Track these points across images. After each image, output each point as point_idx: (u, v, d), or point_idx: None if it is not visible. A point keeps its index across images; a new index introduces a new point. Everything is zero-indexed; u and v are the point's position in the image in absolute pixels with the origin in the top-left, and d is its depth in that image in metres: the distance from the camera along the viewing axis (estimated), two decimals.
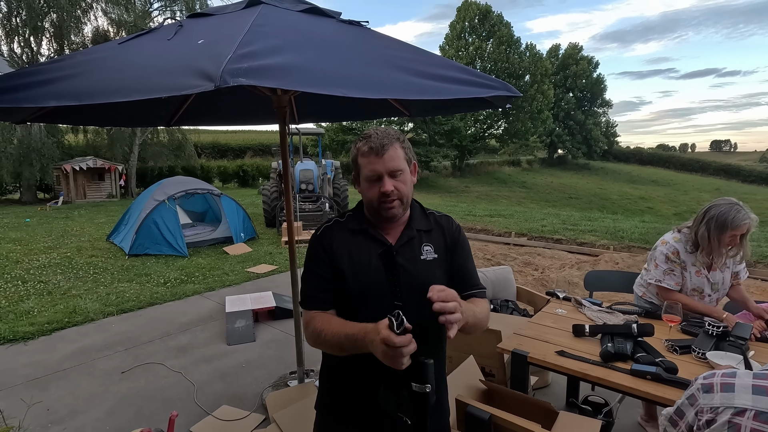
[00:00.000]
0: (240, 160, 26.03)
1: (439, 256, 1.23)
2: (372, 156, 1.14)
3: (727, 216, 2.08)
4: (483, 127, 33.56)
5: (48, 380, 3.27)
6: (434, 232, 1.26)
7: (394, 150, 1.15)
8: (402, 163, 1.16)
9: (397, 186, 1.15)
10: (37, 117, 2.22)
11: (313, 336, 1.16)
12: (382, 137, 1.15)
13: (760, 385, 0.94)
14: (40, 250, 7.62)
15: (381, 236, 1.20)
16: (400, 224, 1.23)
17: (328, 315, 1.18)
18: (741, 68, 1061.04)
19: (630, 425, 2.57)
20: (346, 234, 1.22)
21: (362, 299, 1.16)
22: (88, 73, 1.57)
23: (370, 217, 1.23)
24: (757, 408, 0.91)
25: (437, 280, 1.15)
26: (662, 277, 2.31)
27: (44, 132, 15.33)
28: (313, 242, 1.24)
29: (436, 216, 1.31)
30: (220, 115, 3.34)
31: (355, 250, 1.19)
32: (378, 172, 1.14)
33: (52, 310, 4.69)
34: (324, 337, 1.12)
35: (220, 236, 7.93)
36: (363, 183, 1.19)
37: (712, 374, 1.03)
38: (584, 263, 6.52)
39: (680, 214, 22.68)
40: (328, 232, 1.24)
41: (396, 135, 1.18)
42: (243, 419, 2.72)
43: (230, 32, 1.47)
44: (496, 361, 2.47)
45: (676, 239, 2.32)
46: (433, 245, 1.23)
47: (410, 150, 1.22)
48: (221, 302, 4.83)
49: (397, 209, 1.17)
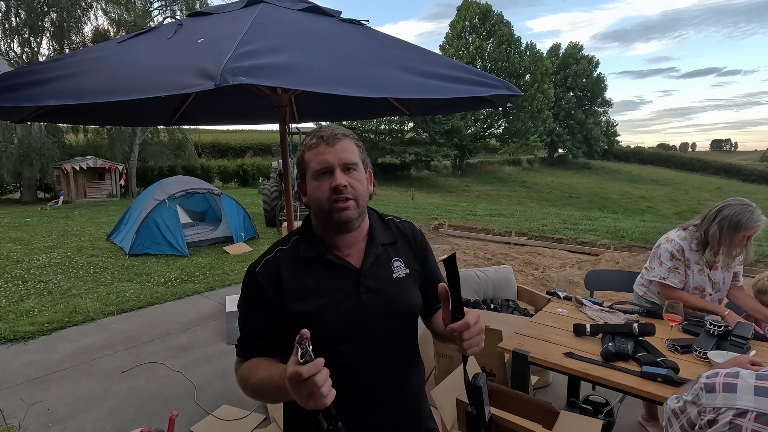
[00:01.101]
0: (240, 160, 26.06)
1: (410, 271, 1.09)
2: (321, 146, 0.98)
3: (741, 216, 2.07)
4: (483, 127, 33.59)
5: (48, 380, 3.27)
6: (399, 243, 1.11)
7: (347, 142, 1.00)
8: (356, 157, 1.01)
9: (350, 182, 0.97)
10: (37, 116, 2.22)
11: (241, 384, 0.99)
12: (333, 129, 1.01)
13: (762, 386, 0.93)
14: (40, 250, 7.62)
15: (343, 261, 1.02)
16: (360, 240, 1.05)
17: (257, 360, 0.99)
18: (742, 67, 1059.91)
19: (631, 425, 2.57)
20: (297, 265, 1.01)
21: (334, 337, 0.99)
22: (88, 72, 1.56)
23: (322, 235, 1.04)
24: (759, 409, 0.91)
25: (412, 296, 1.08)
26: (666, 274, 2.29)
27: (44, 132, 15.35)
28: (250, 280, 1.02)
29: (396, 223, 1.15)
30: (221, 115, 3.33)
31: (313, 282, 1.00)
32: (328, 163, 0.97)
33: (52, 309, 4.69)
34: (252, 385, 0.95)
35: (221, 236, 7.93)
36: (310, 183, 1.00)
37: (715, 373, 1.02)
38: (585, 262, 6.52)
39: (680, 214, 22.67)
40: (271, 266, 1.01)
41: (350, 133, 1.03)
42: (243, 419, 2.72)
43: (230, 31, 1.47)
44: (496, 361, 2.47)
45: (681, 237, 2.30)
46: (402, 260, 1.09)
47: (365, 153, 1.06)
48: (222, 302, 4.83)
49: (352, 210, 0.97)
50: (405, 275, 1.08)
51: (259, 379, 0.94)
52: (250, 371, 0.97)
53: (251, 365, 0.98)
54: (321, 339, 0.93)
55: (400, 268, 1.08)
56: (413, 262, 1.11)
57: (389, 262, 1.07)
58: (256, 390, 0.95)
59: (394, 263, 1.07)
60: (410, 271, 1.09)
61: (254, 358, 1.00)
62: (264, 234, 8.80)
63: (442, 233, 9.38)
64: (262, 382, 0.93)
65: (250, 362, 0.99)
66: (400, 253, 1.10)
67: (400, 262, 1.08)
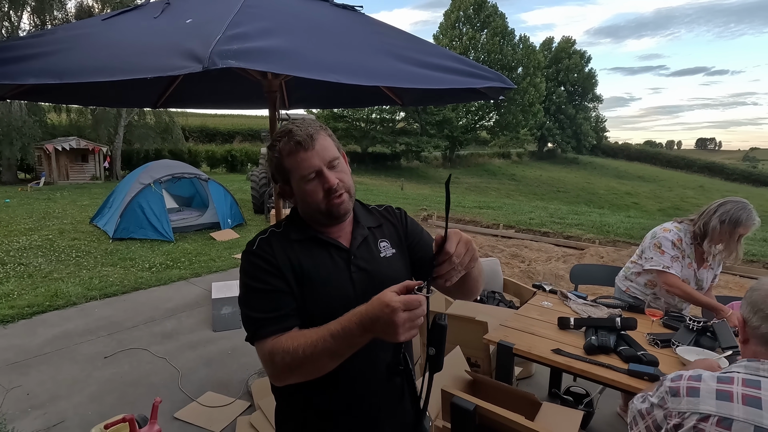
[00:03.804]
0: (229, 145, 25.69)
1: (396, 251, 1.12)
2: (301, 152, 0.97)
3: (741, 214, 2.11)
4: (474, 119, 33.58)
5: (28, 364, 3.22)
6: (384, 226, 1.15)
7: (323, 138, 1.00)
8: (335, 150, 1.02)
9: (339, 177, 1.00)
10: (17, 94, 2.14)
11: (286, 361, 0.90)
12: (305, 128, 0.99)
13: (723, 390, 0.95)
14: (20, 232, 7.43)
15: (333, 240, 1.05)
16: (347, 224, 1.09)
17: (293, 332, 0.95)
18: (729, 68, 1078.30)
19: (609, 415, 2.64)
20: (290, 244, 1.03)
21: (328, 316, 0.93)
22: (71, 50, 1.51)
23: (312, 224, 1.07)
24: (721, 414, 0.92)
25: (400, 275, 1.08)
26: (670, 263, 2.28)
27: (25, 110, 14.86)
28: (249, 258, 1.01)
29: (378, 210, 1.19)
30: (209, 98, 3.26)
31: (307, 260, 1.02)
32: (315, 167, 0.97)
33: (32, 293, 4.60)
34: (303, 352, 0.88)
35: (207, 222, 7.83)
36: (299, 187, 1.00)
37: (678, 376, 1.04)
38: (570, 256, 6.61)
39: (664, 210, 23.11)
40: (266, 243, 1.03)
41: (318, 124, 1.03)
42: (228, 406, 2.72)
43: (220, 12, 1.43)
44: (481, 352, 2.50)
45: (678, 228, 2.33)
46: (388, 240, 1.12)
47: (335, 138, 1.06)
48: (207, 288, 4.79)
49: (348, 203, 1.02)
50: (392, 255, 1.11)
51: (314, 341, 0.87)
52: (294, 341, 0.90)
53: (292, 337, 0.92)
54: (315, 314, 0.96)
55: (386, 248, 1.11)
56: (398, 241, 1.14)
57: (376, 243, 1.10)
58: (312, 354, 0.87)
59: (381, 243, 1.11)
60: (397, 251, 1.12)
61: (290, 332, 0.95)
62: (252, 221, 8.71)
63: (431, 224, 9.41)
64: (319, 342, 0.86)
65: (288, 336, 0.93)
66: (386, 234, 1.13)
67: (386, 242, 1.12)
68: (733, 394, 0.93)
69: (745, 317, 1.05)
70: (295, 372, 0.91)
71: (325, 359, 0.88)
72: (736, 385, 0.95)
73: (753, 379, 0.95)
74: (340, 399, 1.04)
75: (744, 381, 0.95)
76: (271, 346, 0.92)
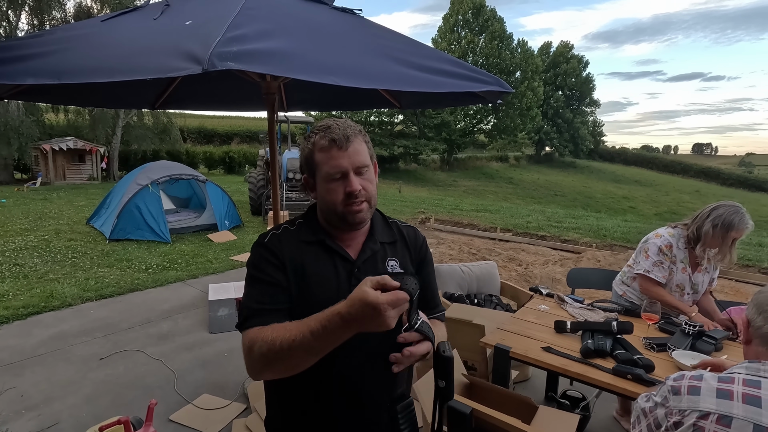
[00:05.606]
0: (227, 147, 25.67)
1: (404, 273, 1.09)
2: (334, 149, 0.97)
3: (734, 218, 2.13)
4: (472, 122, 33.67)
5: (22, 365, 3.20)
6: (398, 244, 1.13)
7: (358, 143, 0.99)
8: (367, 157, 1.01)
9: (363, 185, 0.99)
10: (14, 94, 2.14)
11: (263, 351, 0.88)
12: (344, 128, 0.98)
13: (724, 389, 0.96)
14: (16, 232, 7.40)
15: (341, 249, 1.05)
16: (361, 234, 1.08)
17: (276, 324, 0.93)
18: (726, 73, 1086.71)
19: (605, 419, 2.64)
20: (299, 244, 1.04)
21: None
22: (69, 51, 1.51)
23: (325, 226, 1.06)
24: (720, 412, 0.93)
25: None
26: (651, 268, 2.34)
27: (23, 110, 14.81)
28: (260, 248, 1.03)
29: (399, 226, 1.17)
30: (207, 100, 3.26)
31: (311, 263, 1.02)
32: (342, 168, 0.97)
33: (28, 294, 4.57)
34: (281, 345, 0.86)
35: (205, 223, 7.81)
36: (322, 184, 1.01)
37: (681, 376, 1.05)
38: (567, 260, 6.62)
39: (661, 215, 23.20)
40: (277, 239, 1.04)
41: (358, 128, 1.02)
42: (224, 408, 2.71)
43: (219, 14, 1.43)
44: (478, 355, 2.50)
45: (670, 234, 2.36)
46: (398, 260, 1.10)
47: (371, 146, 1.06)
48: (204, 290, 4.78)
49: (366, 213, 1.01)
50: (397, 274, 1.07)
51: (292, 335, 0.86)
52: (273, 332, 0.89)
53: (272, 329, 0.91)
54: (306, 317, 0.95)
55: (394, 267, 1.08)
56: (409, 265, 1.12)
57: (384, 260, 1.08)
58: (288, 348, 0.86)
59: (389, 262, 1.09)
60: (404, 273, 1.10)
61: (273, 324, 0.94)
62: (249, 223, 8.70)
63: (428, 227, 9.42)
64: (297, 336, 0.85)
65: (269, 328, 0.92)
66: (398, 253, 1.11)
67: (395, 262, 1.09)
68: (734, 392, 0.95)
69: (749, 318, 1.07)
70: (272, 364, 0.89)
71: (301, 354, 0.86)
72: (737, 385, 0.96)
73: (753, 380, 0.97)
74: None
75: (744, 381, 0.96)
76: (254, 335, 0.92)
